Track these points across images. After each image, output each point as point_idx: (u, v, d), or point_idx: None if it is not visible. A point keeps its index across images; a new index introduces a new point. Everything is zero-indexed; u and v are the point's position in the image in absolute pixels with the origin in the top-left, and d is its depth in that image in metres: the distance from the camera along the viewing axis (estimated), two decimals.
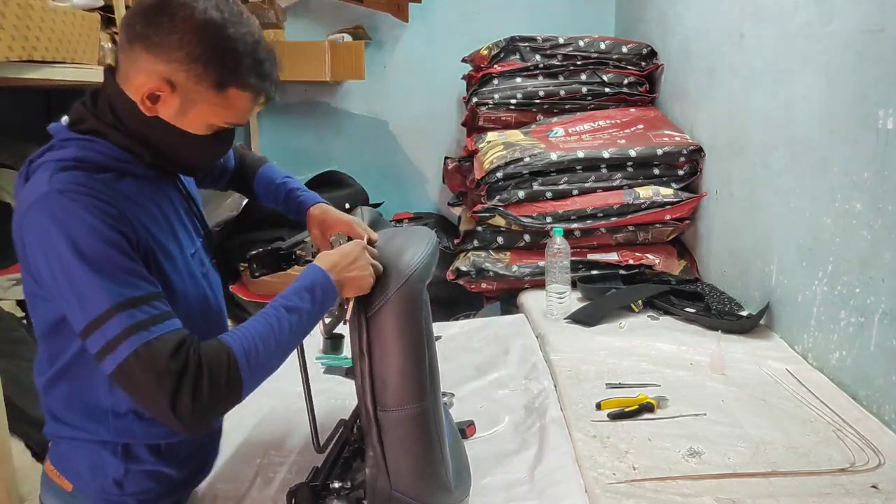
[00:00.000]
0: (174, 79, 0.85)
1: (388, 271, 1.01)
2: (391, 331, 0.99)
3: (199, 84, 0.86)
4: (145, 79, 0.86)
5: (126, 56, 0.88)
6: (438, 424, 1.05)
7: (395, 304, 0.99)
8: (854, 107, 1.45)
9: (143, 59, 0.85)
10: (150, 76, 0.85)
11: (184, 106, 0.88)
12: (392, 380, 1.00)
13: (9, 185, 2.00)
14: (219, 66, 0.85)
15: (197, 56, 0.84)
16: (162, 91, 0.86)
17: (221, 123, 0.92)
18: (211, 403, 0.80)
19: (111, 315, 0.77)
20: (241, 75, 0.87)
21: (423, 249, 1.06)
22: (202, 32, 0.84)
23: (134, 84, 0.87)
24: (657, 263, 2.29)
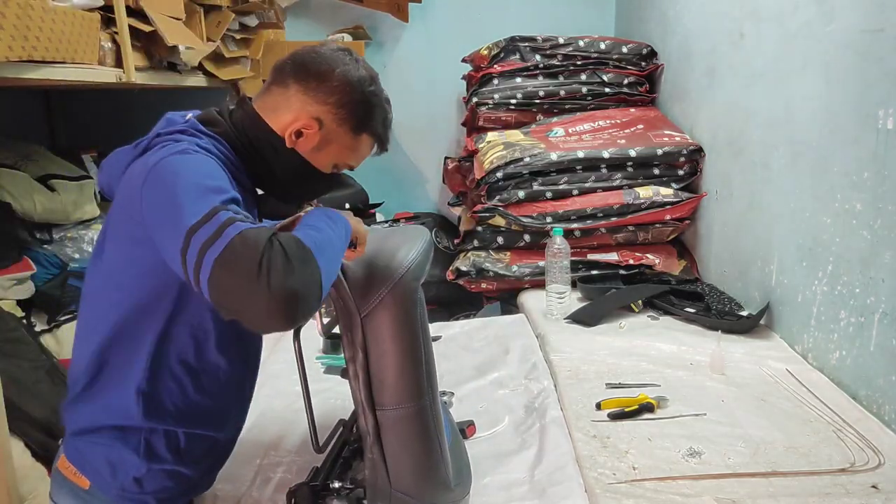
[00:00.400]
0: (323, 118, 1.02)
1: (382, 271, 1.01)
2: (387, 330, 0.99)
3: (341, 126, 1.03)
4: (297, 116, 1.01)
5: (281, 94, 1.03)
6: (437, 423, 1.05)
7: (389, 303, 0.99)
8: (854, 107, 1.45)
9: (299, 99, 1.02)
10: (301, 114, 1.01)
11: (322, 143, 1.03)
12: (389, 379, 1.00)
13: (9, 184, 2.00)
14: (361, 114, 1.03)
15: (346, 103, 1.02)
16: (310, 128, 1.01)
17: (344, 164, 1.08)
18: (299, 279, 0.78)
19: (217, 211, 0.81)
20: (374, 125, 1.05)
21: (417, 248, 1.06)
22: (355, 85, 1.02)
23: (283, 118, 1.02)
24: (657, 263, 2.29)
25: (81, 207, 2.17)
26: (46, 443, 1.64)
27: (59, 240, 2.15)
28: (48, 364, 1.79)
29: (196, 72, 2.30)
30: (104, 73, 1.74)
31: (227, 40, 2.45)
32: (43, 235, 2.12)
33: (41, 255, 2.06)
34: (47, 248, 2.10)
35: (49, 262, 2.07)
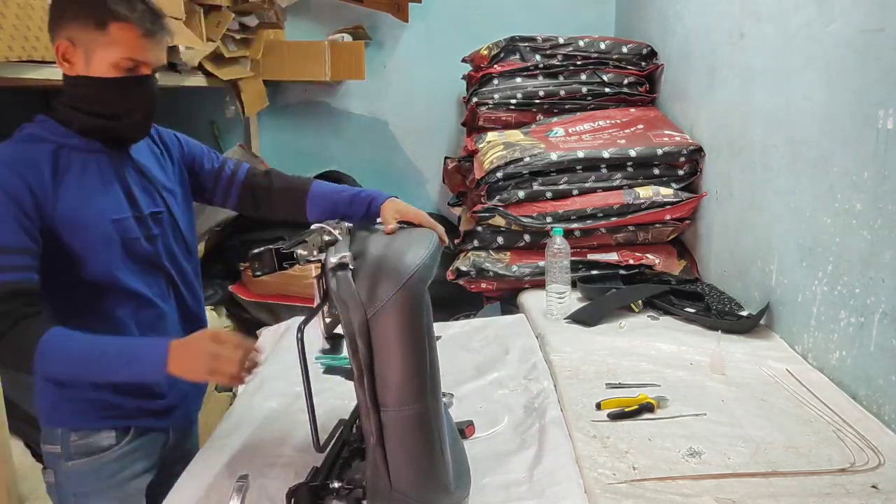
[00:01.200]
0: (70, 35, 1.07)
1: (390, 273, 1.01)
2: (392, 331, 0.99)
3: (86, 30, 1.06)
4: (57, 46, 1.08)
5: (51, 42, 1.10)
6: (439, 425, 1.05)
7: (396, 304, 0.99)
8: (854, 107, 1.45)
9: (53, 32, 1.09)
10: (58, 42, 1.08)
11: (87, 55, 1.08)
12: (393, 380, 1.00)
13: None
14: (92, 8, 1.06)
15: (76, 9, 1.06)
16: (68, 49, 1.08)
17: (121, 62, 1.08)
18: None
19: None
20: (112, 11, 1.06)
21: (425, 251, 1.06)
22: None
23: (57, 56, 1.09)
24: (657, 263, 2.29)
25: None
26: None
27: None
28: None
29: (196, 72, 2.30)
30: None
31: (227, 40, 2.45)
32: None
33: None
34: None
35: None
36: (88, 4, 1.06)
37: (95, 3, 1.05)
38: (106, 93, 1.09)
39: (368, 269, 1.02)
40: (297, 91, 3.19)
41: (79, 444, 1.16)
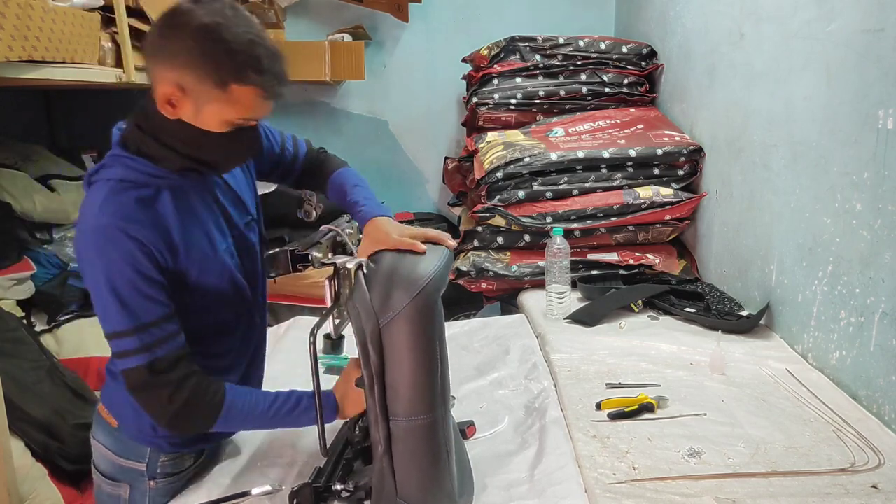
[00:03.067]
0: (183, 83, 0.95)
1: (404, 281, 1.00)
2: (404, 341, 0.98)
3: (203, 84, 0.95)
4: (162, 87, 0.96)
5: (150, 72, 1.00)
6: (447, 435, 1.04)
7: (409, 314, 0.98)
8: (854, 107, 1.45)
9: (159, 69, 0.97)
10: (165, 84, 0.96)
11: (197, 106, 0.97)
12: (403, 390, 0.99)
13: (9, 184, 2.01)
14: (215, 65, 0.94)
15: (196, 58, 0.93)
16: (174, 95, 0.96)
17: (236, 119, 1.00)
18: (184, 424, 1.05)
19: (127, 335, 0.97)
20: (237, 72, 0.94)
21: (439, 259, 1.06)
22: (198, 37, 0.93)
23: (157, 95, 0.98)
24: (657, 263, 2.29)
25: None
26: (46, 443, 1.65)
27: (59, 240, 2.15)
28: (48, 364, 1.79)
29: None
30: (104, 73, 1.74)
31: None
32: (43, 235, 2.12)
33: (41, 255, 2.06)
34: (47, 248, 2.10)
35: (49, 262, 2.07)
36: (212, 59, 0.93)
37: (221, 60, 0.93)
38: (211, 143, 1.01)
39: (382, 278, 1.02)
40: (297, 91, 3.19)
41: (166, 464, 1.16)
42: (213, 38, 0.93)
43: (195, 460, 1.22)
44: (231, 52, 0.93)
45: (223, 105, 0.97)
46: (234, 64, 0.94)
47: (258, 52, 0.95)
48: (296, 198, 2.53)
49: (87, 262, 0.98)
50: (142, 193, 1.00)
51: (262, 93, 0.98)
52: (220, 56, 0.93)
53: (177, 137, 1.00)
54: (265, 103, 1.00)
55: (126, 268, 0.96)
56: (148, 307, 0.98)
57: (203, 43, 0.93)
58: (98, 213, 0.96)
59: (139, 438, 1.14)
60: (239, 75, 0.94)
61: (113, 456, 1.16)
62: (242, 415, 1.08)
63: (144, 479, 1.15)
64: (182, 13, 0.94)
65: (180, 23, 0.94)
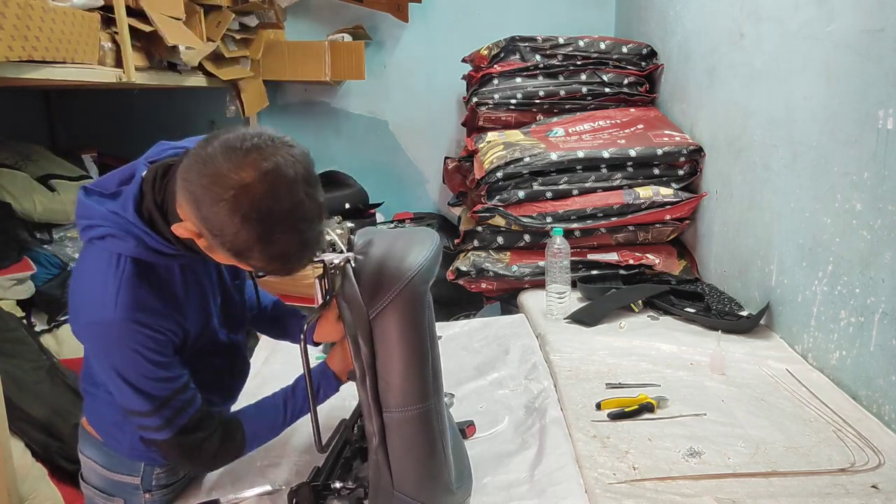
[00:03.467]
0: (202, 232, 0.87)
1: (392, 273, 1.01)
2: (394, 332, 0.99)
3: (221, 248, 0.87)
4: (186, 220, 0.89)
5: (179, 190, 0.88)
6: (441, 426, 1.05)
7: (398, 305, 0.99)
8: (854, 107, 1.45)
9: (188, 208, 0.87)
10: (189, 221, 0.88)
11: (211, 250, 0.91)
12: (395, 381, 1.00)
13: (9, 184, 2.01)
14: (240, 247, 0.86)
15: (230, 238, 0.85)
16: (193, 235, 0.89)
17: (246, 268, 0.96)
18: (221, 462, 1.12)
19: (147, 415, 0.98)
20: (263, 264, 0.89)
21: (427, 251, 1.06)
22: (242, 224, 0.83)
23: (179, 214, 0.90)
24: (657, 263, 2.29)
25: None
26: (46, 443, 1.65)
27: (59, 240, 2.15)
28: (48, 364, 1.79)
29: (196, 72, 2.30)
30: (104, 73, 1.74)
31: (227, 40, 2.45)
32: (43, 235, 2.12)
33: (41, 255, 2.06)
34: (47, 248, 2.10)
35: (49, 262, 2.07)
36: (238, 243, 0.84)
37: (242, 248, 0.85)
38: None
39: (371, 270, 1.02)
40: (297, 91, 3.19)
41: (161, 476, 1.15)
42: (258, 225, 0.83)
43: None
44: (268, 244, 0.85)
45: (239, 263, 0.91)
46: (261, 254, 0.86)
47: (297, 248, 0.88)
48: None
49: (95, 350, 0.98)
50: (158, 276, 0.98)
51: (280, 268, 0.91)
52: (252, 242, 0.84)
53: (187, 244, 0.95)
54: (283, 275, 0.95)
55: (139, 359, 0.95)
56: (162, 387, 0.98)
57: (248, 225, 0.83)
58: (113, 306, 0.92)
59: (131, 455, 1.11)
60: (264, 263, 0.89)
61: (104, 471, 1.13)
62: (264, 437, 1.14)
63: (139, 493, 1.14)
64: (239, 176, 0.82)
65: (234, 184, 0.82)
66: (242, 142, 0.84)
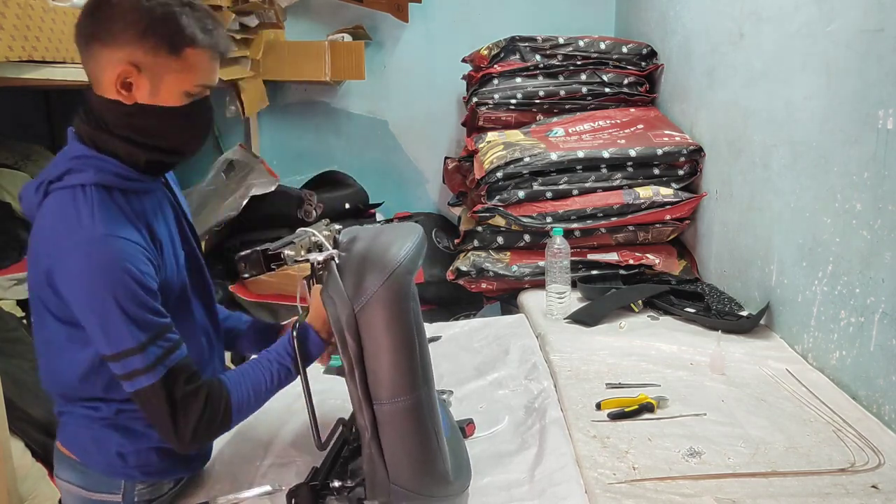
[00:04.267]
0: (135, 60, 0.93)
1: (375, 266, 1.02)
2: (380, 324, 1.00)
3: (157, 56, 0.94)
4: (112, 71, 0.93)
5: (89, 61, 0.96)
6: (433, 415, 1.05)
7: (382, 297, 0.99)
8: (854, 107, 1.45)
9: (104, 54, 0.94)
10: (115, 66, 0.93)
11: (154, 82, 0.95)
12: (384, 373, 1.00)
13: (9, 184, 2.01)
14: (165, 32, 0.93)
15: (144, 31, 0.92)
16: (130, 75, 0.94)
17: (193, 88, 0.98)
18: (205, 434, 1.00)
19: (134, 353, 0.92)
20: (188, 35, 0.94)
21: (410, 243, 1.07)
22: (141, 9, 0.92)
23: (105, 81, 0.95)
24: (657, 263, 2.29)
25: None
26: (46, 443, 1.64)
27: None
28: None
29: None
30: None
31: None
32: None
33: None
34: None
35: None
36: (161, 27, 0.92)
37: (170, 26, 0.93)
38: (171, 123, 0.99)
39: (354, 264, 1.03)
40: (297, 91, 3.19)
41: (143, 491, 1.10)
42: (154, 9, 0.92)
43: (175, 483, 1.16)
44: (175, 16, 0.93)
45: (180, 74, 0.96)
46: (182, 28, 0.94)
47: (198, 13, 0.96)
48: (296, 198, 2.53)
49: (83, 279, 0.92)
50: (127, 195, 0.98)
51: (213, 53, 0.98)
52: (167, 24, 0.93)
53: (136, 128, 0.97)
54: (216, 65, 1.00)
55: (129, 280, 0.91)
56: (152, 319, 0.94)
57: (146, 15, 0.92)
58: (91, 223, 0.91)
59: (110, 472, 1.06)
60: (190, 38, 0.94)
61: (83, 492, 1.08)
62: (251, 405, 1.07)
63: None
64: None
65: (115, 2, 0.92)
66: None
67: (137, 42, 0.92)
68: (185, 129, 1.02)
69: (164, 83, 0.96)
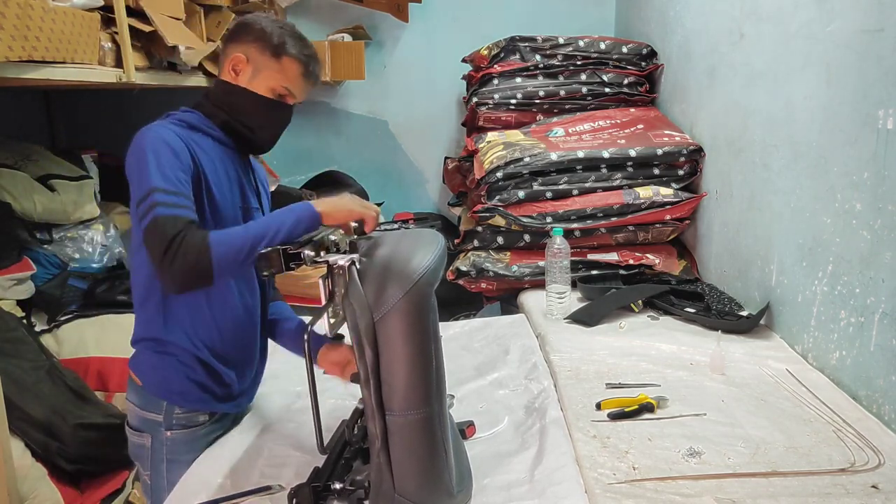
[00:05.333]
0: (247, 54, 1.28)
1: (397, 275, 1.01)
2: (399, 335, 0.99)
3: (263, 54, 1.27)
4: (231, 59, 1.28)
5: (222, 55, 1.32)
6: (444, 430, 1.05)
7: (403, 308, 0.98)
8: (854, 107, 1.45)
9: (231, 48, 1.30)
10: (234, 55, 1.28)
11: (254, 72, 1.28)
12: (399, 384, 0.99)
13: (9, 184, 2.00)
14: (275, 43, 1.28)
15: (262, 38, 1.27)
16: (240, 63, 1.28)
17: (280, 88, 1.29)
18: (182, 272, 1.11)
19: (154, 191, 1.11)
20: (289, 49, 1.28)
21: (432, 254, 1.06)
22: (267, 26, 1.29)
23: (225, 68, 1.30)
24: (657, 263, 2.29)
25: (81, 207, 2.17)
26: (46, 443, 1.65)
27: (59, 240, 2.15)
28: (48, 364, 1.79)
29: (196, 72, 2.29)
30: (104, 73, 1.74)
31: None
32: (43, 235, 2.12)
33: (41, 255, 2.06)
34: (47, 248, 2.10)
35: (49, 262, 2.07)
36: (273, 38, 1.27)
37: (278, 40, 1.27)
38: (256, 107, 1.29)
39: (376, 272, 1.02)
40: None
41: (180, 416, 1.31)
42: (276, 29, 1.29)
43: (209, 417, 1.34)
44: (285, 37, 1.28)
45: (274, 73, 1.28)
46: (287, 44, 1.28)
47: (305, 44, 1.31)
48: (296, 198, 2.53)
49: (137, 143, 1.18)
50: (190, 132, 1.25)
51: (303, 69, 1.29)
52: (280, 38, 1.28)
53: (229, 103, 1.29)
54: (303, 80, 1.31)
55: (164, 146, 1.16)
56: (177, 177, 1.15)
57: (270, 29, 1.28)
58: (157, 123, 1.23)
59: (158, 393, 1.30)
60: (291, 52, 1.28)
61: (137, 409, 1.32)
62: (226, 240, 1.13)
63: (162, 430, 1.30)
64: (254, 17, 1.32)
65: (255, 19, 1.31)
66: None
67: (254, 43, 1.27)
68: (264, 116, 1.31)
69: (261, 75, 1.28)
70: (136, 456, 1.36)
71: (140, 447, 1.34)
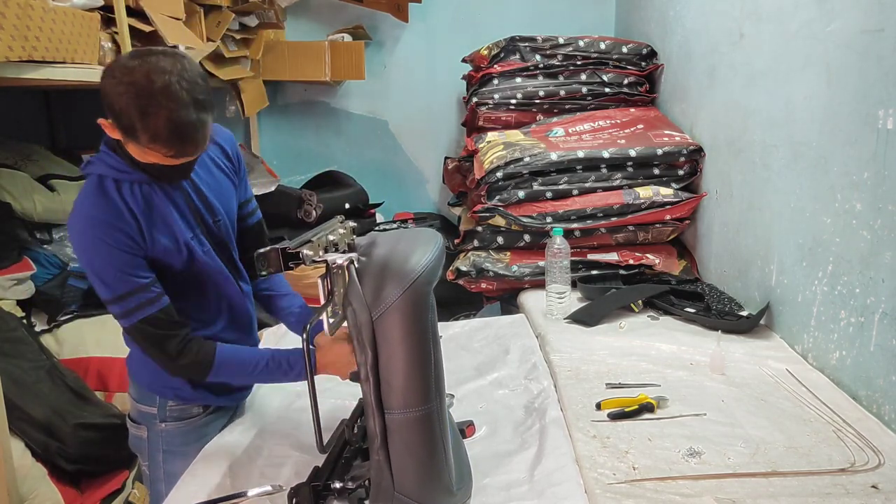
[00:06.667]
0: (113, 121, 1.06)
1: (396, 274, 1.01)
2: (397, 333, 0.99)
3: (123, 132, 1.06)
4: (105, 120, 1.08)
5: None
6: (443, 428, 1.05)
7: (401, 306, 0.99)
8: (854, 107, 1.45)
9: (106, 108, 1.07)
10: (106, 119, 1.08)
11: (125, 142, 1.09)
12: (397, 382, 1.00)
13: (9, 184, 2.00)
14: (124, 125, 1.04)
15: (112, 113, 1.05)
16: (108, 128, 1.09)
17: (154, 161, 1.09)
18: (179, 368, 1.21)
19: (110, 303, 1.15)
20: (138, 136, 1.04)
21: (430, 252, 1.06)
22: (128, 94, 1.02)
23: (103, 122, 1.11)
24: (657, 263, 2.29)
25: None
26: (46, 443, 1.65)
27: (59, 240, 2.15)
28: (48, 364, 1.79)
29: None
30: None
31: (227, 40, 2.45)
32: (43, 235, 2.12)
33: (41, 255, 2.06)
34: (47, 248, 2.10)
35: (49, 262, 2.07)
36: (121, 119, 1.04)
37: (127, 121, 1.04)
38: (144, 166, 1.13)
39: (374, 270, 1.02)
40: (297, 91, 3.19)
41: (174, 409, 1.34)
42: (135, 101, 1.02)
43: (204, 410, 1.37)
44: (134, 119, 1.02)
45: (140, 151, 1.08)
46: (143, 129, 1.03)
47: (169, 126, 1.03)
48: (296, 198, 2.53)
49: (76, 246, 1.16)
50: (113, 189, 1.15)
51: (164, 151, 1.06)
52: (128, 119, 1.03)
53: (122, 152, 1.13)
54: (175, 160, 1.09)
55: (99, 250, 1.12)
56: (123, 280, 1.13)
57: (118, 106, 1.03)
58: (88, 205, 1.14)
59: (150, 387, 1.33)
60: (139, 138, 1.04)
61: (135, 403, 1.36)
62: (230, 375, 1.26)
63: (157, 422, 1.34)
64: (126, 66, 1.03)
65: (123, 72, 1.03)
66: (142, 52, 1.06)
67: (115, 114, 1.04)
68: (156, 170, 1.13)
69: (129, 148, 1.09)
70: (136, 447, 1.40)
71: (139, 439, 1.38)
